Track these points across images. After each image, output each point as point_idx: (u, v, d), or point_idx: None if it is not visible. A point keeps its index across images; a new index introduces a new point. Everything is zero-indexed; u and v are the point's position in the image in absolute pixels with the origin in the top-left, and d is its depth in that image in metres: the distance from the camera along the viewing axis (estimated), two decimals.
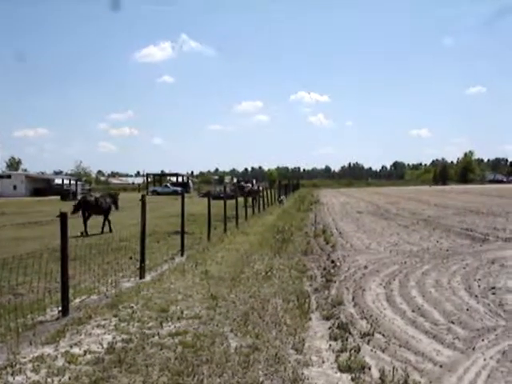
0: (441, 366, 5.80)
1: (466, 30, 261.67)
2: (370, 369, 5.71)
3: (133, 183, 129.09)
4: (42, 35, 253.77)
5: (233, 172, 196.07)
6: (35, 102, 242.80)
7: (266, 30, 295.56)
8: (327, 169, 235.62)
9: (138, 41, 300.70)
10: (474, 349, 6.37)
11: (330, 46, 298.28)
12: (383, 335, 6.93)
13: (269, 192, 42.41)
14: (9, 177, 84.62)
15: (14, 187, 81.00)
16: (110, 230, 20.57)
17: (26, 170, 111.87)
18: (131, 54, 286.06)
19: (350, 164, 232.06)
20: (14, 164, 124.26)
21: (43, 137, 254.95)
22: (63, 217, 8.11)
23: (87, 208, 21.29)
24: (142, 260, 11.14)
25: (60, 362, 5.96)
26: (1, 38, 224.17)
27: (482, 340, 6.69)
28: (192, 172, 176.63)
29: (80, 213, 20.62)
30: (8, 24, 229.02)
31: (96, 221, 21.23)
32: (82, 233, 19.18)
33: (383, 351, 6.32)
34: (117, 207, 23.53)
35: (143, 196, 11.74)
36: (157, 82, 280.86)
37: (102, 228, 21.09)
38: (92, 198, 22.78)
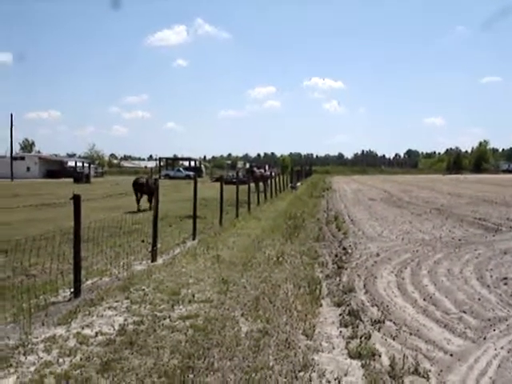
0: (451, 355, 5.79)
1: (481, 19, 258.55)
2: (380, 356, 5.71)
3: (145, 167, 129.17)
4: (57, 18, 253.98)
5: (245, 157, 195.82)
6: (49, 85, 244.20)
7: (280, 15, 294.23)
8: (340, 156, 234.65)
9: (153, 24, 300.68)
10: (485, 338, 6.35)
11: (344, 31, 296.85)
12: (394, 323, 6.92)
13: (281, 178, 42.37)
14: (22, 158, 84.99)
15: (28, 169, 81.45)
16: (150, 208, 21.22)
17: (39, 152, 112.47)
18: (146, 38, 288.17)
19: (363, 151, 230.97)
20: (27, 146, 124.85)
21: (57, 119, 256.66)
22: (77, 199, 8.14)
23: (139, 189, 23.58)
24: (154, 243, 11.18)
25: (72, 343, 6.01)
26: (16, 21, 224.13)
27: (494, 330, 6.67)
28: (204, 156, 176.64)
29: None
30: (23, 6, 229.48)
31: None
32: (138, 209, 22.09)
33: (394, 339, 6.31)
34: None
35: (156, 180, 11.75)
36: (171, 65, 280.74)
37: (150, 206, 22.30)
38: (144, 179, 24.44)
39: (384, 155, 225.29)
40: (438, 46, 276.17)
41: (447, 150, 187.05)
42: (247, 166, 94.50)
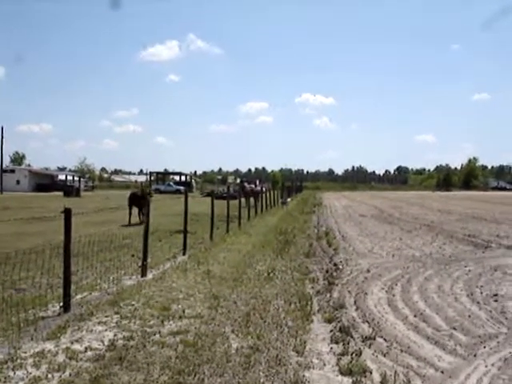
0: (442, 372, 5.78)
1: (472, 37, 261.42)
2: (371, 373, 5.69)
3: (136, 181, 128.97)
4: (48, 32, 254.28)
5: (236, 172, 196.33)
6: (40, 98, 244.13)
7: (272, 31, 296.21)
8: (330, 172, 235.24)
9: (145, 39, 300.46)
10: (475, 355, 6.35)
11: (336, 48, 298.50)
12: (385, 339, 6.91)
13: (272, 193, 42.40)
14: (12, 171, 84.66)
15: (18, 182, 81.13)
16: (141, 222, 21.76)
17: (29, 165, 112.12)
18: (138, 53, 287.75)
19: (353, 167, 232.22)
20: (17, 159, 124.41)
21: (48, 132, 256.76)
22: (67, 213, 8.10)
23: (134, 201, 23.47)
24: (144, 258, 11.13)
25: (61, 358, 5.95)
26: (8, 35, 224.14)
27: (484, 347, 6.66)
28: (195, 171, 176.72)
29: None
30: (14, 21, 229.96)
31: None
32: (129, 223, 22.21)
33: (385, 355, 6.30)
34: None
35: (149, 192, 11.72)
36: (163, 80, 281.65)
37: (140, 219, 22.73)
38: (138, 193, 24.44)
39: (374, 171, 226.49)
40: (430, 63, 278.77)
41: (437, 166, 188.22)
42: (238, 181, 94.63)
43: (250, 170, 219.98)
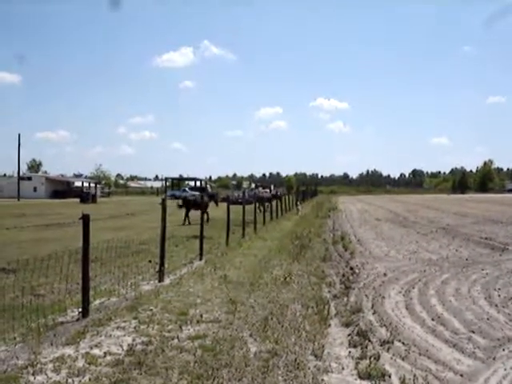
0: (461, 375, 5.76)
1: (486, 39, 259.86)
2: (390, 376, 5.69)
3: (151, 187, 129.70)
4: (65, 39, 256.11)
5: (251, 177, 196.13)
6: (57, 105, 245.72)
7: (285, 37, 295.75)
8: (345, 176, 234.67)
9: (160, 46, 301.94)
10: (494, 358, 6.32)
11: (349, 53, 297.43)
12: (403, 343, 6.89)
13: (287, 198, 42.40)
14: (29, 179, 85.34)
15: (34, 189, 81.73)
16: (207, 221, 24.05)
17: (46, 172, 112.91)
18: (153, 59, 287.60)
19: (368, 171, 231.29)
20: (34, 166, 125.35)
21: (64, 139, 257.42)
22: (86, 218, 8.17)
23: (187, 205, 27.00)
24: (162, 263, 11.18)
25: (80, 363, 6.00)
26: (24, 43, 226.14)
27: (503, 350, 6.63)
28: (210, 177, 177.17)
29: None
30: (30, 28, 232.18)
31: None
32: (184, 223, 25.73)
33: (403, 359, 6.29)
34: (216, 204, 29.83)
35: (163, 200, 11.77)
36: (178, 87, 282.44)
37: (201, 219, 23.56)
38: (192, 197, 29.14)
39: (389, 175, 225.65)
40: (444, 66, 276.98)
41: (452, 169, 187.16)
42: (252, 186, 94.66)
43: (264, 174, 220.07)
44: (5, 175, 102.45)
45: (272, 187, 71.98)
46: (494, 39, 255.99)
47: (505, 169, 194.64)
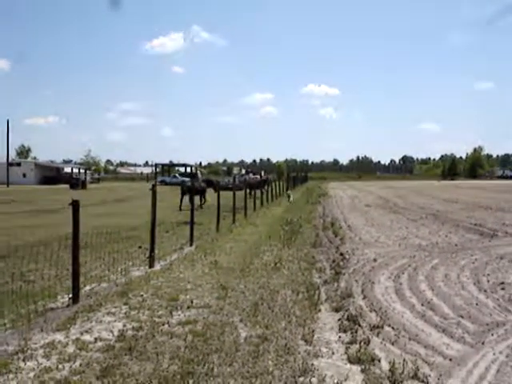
0: (450, 360, 5.81)
1: (474, 26, 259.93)
2: (379, 361, 5.72)
3: (141, 173, 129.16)
4: (53, 25, 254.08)
5: (241, 163, 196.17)
6: (46, 91, 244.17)
7: (277, 23, 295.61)
8: (335, 162, 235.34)
9: (150, 31, 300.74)
10: (483, 343, 6.37)
11: (340, 38, 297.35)
12: (393, 328, 6.93)
13: (277, 184, 42.41)
14: (18, 164, 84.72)
15: (24, 175, 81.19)
16: (201, 207, 26.45)
17: (35, 158, 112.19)
18: (143, 45, 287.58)
19: (358, 157, 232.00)
20: (23, 152, 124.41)
21: (53, 125, 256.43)
22: (75, 204, 8.13)
23: (188, 191, 26.13)
24: (152, 249, 11.17)
25: (71, 349, 6.00)
26: (11, 28, 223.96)
27: (492, 335, 6.69)
28: (200, 163, 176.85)
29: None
30: (17, 14, 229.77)
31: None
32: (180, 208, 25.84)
33: (393, 344, 6.33)
34: (215, 190, 29.02)
35: (153, 186, 11.74)
36: (168, 72, 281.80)
37: (200, 204, 27.51)
38: (189, 183, 28.62)
39: (379, 161, 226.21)
40: (433, 52, 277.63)
41: (442, 156, 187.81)
42: (243, 171, 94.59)
43: (254, 160, 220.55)
44: None
45: (262, 173, 71.98)
46: (484, 25, 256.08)
47: (494, 155, 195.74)
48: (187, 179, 67.37)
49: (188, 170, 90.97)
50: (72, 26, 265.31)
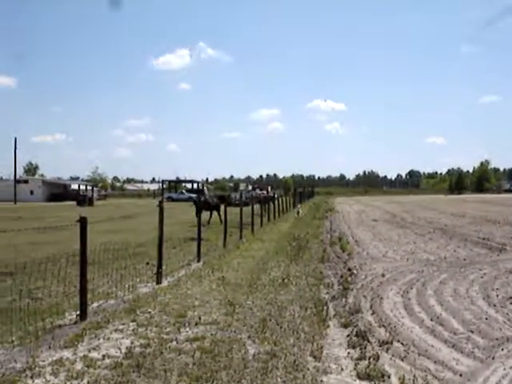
0: (460, 375, 5.76)
1: (480, 40, 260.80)
2: (389, 377, 5.68)
3: (148, 189, 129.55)
4: (62, 42, 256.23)
5: (248, 179, 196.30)
6: (53, 108, 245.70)
7: (283, 39, 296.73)
8: (342, 177, 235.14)
9: (156, 48, 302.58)
10: (493, 358, 6.32)
11: (346, 55, 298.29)
12: (402, 344, 6.88)
13: (284, 199, 42.40)
14: (26, 182, 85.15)
15: (31, 192, 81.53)
16: (221, 222, 23.71)
17: (42, 176, 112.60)
18: (149, 62, 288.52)
19: (364, 172, 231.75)
20: (31, 169, 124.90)
21: (60, 142, 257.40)
22: (83, 221, 8.14)
23: (206, 207, 27.38)
24: (159, 265, 11.16)
25: (79, 366, 5.98)
26: (19, 45, 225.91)
27: (502, 349, 6.63)
28: (207, 179, 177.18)
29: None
30: (24, 30, 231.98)
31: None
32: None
33: (402, 360, 6.28)
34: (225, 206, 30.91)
35: (160, 202, 11.75)
36: (174, 89, 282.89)
37: (209, 220, 27.00)
38: (202, 198, 29.31)
39: (386, 176, 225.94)
40: (439, 66, 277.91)
41: (449, 170, 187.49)
42: (249, 187, 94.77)
43: (261, 176, 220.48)
44: (1, 179, 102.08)
45: (269, 189, 72.06)
46: (490, 39, 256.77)
47: (501, 169, 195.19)
48: (194, 195, 67.64)
49: (195, 186, 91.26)
50: (79, 42, 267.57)
